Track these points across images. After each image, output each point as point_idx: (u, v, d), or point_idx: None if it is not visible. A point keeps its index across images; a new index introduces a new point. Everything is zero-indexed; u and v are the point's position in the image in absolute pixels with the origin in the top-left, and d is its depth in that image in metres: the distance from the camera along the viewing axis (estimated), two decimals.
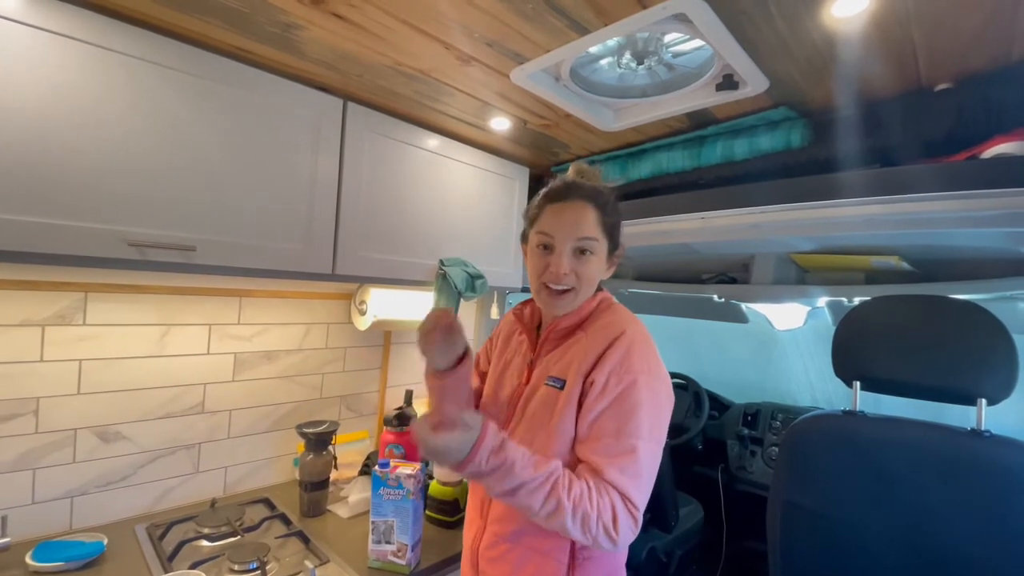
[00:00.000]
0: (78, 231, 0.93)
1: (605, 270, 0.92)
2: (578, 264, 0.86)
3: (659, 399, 0.82)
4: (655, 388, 0.82)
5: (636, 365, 0.81)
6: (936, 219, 1.09)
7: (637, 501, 0.76)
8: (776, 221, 1.29)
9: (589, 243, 0.86)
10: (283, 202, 1.20)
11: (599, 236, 0.86)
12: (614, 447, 0.78)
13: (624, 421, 0.78)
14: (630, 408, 0.79)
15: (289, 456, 1.58)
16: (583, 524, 0.72)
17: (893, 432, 1.08)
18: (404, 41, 1.06)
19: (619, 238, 0.93)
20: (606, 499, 0.74)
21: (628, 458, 0.77)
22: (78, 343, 1.20)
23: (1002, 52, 0.97)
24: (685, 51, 1.13)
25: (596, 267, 0.88)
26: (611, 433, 0.78)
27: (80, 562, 1.05)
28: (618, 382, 0.80)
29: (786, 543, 1.19)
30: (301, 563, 1.13)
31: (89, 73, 0.93)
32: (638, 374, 0.81)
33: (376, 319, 1.60)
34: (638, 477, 0.77)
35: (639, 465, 0.77)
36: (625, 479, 0.76)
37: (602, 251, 0.89)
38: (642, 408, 0.79)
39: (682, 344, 2.70)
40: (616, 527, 0.74)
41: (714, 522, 2.04)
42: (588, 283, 0.88)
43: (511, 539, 0.86)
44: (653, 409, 0.81)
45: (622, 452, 0.77)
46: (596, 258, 0.87)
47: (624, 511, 0.75)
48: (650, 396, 0.81)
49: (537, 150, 1.71)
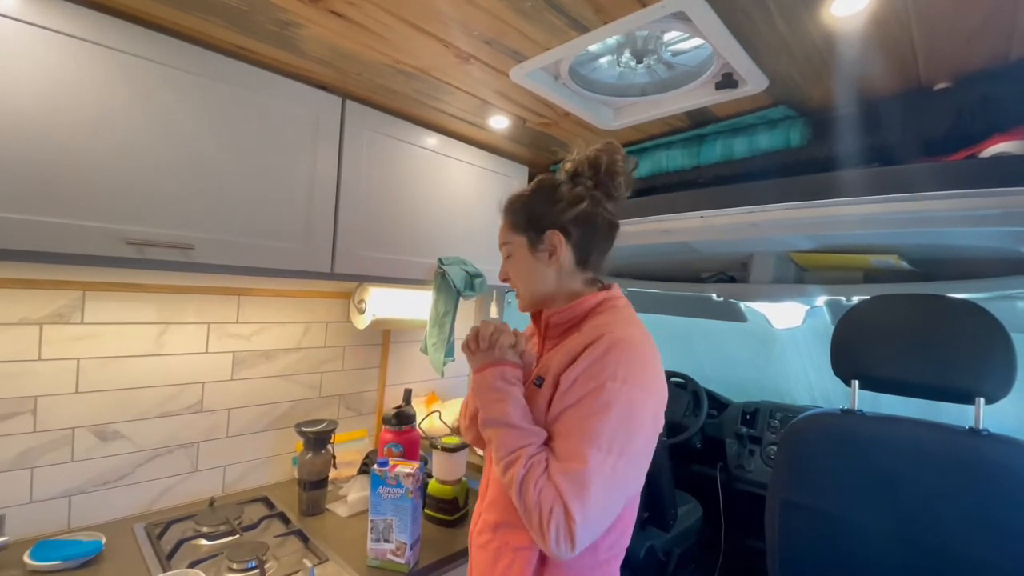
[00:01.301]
0: (76, 229, 0.93)
1: (541, 262, 0.90)
2: (507, 267, 0.96)
3: (632, 409, 0.74)
4: (628, 397, 0.74)
5: (608, 370, 0.75)
6: (935, 218, 1.10)
7: (576, 514, 0.68)
8: (775, 220, 1.29)
9: (505, 248, 0.95)
10: (282, 200, 1.20)
11: (511, 238, 0.93)
12: (564, 450, 0.74)
13: (582, 426, 0.73)
14: (590, 414, 0.74)
15: (288, 455, 1.58)
16: (523, 502, 0.72)
17: (891, 431, 1.08)
18: (403, 39, 1.06)
19: (546, 224, 0.88)
20: (548, 495, 0.70)
21: (575, 465, 0.71)
22: (76, 342, 1.20)
23: (1001, 51, 0.97)
24: (684, 50, 1.13)
25: (518, 265, 0.93)
26: (564, 435, 0.75)
27: (78, 561, 1.04)
28: (585, 384, 0.76)
29: (785, 541, 1.19)
30: (300, 562, 1.13)
31: (88, 71, 0.93)
32: (607, 379, 0.74)
33: (375, 318, 1.60)
34: (583, 488, 0.69)
35: (586, 476, 0.70)
36: (568, 486, 0.70)
37: (518, 249, 0.92)
38: (605, 416, 0.73)
39: (681, 343, 2.71)
40: (547, 527, 0.69)
41: (713, 521, 2.04)
42: (519, 281, 0.94)
43: (493, 529, 0.87)
44: (621, 419, 0.73)
45: (570, 457, 0.72)
46: (514, 258, 0.93)
47: (561, 518, 0.69)
48: (620, 405, 0.74)
49: (536, 149, 1.71)
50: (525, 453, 0.75)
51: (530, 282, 0.92)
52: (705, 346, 2.66)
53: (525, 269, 0.92)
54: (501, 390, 0.81)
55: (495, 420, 0.80)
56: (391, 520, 1.13)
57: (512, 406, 0.80)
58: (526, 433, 0.78)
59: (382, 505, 1.13)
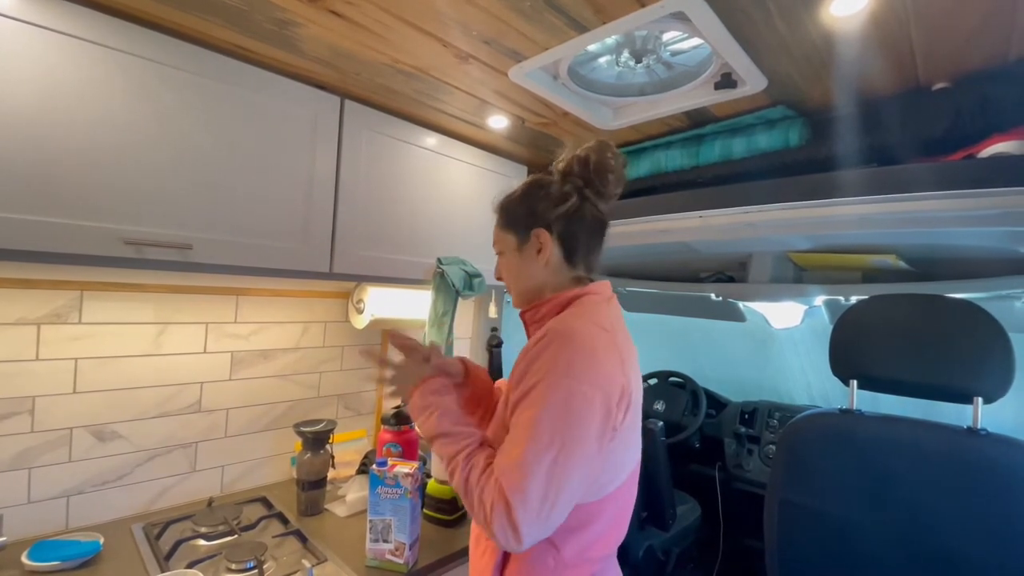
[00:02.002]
0: (74, 229, 0.92)
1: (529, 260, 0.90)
2: (499, 265, 0.98)
3: (573, 404, 0.72)
4: (569, 389, 0.73)
5: (546, 365, 0.74)
6: (933, 218, 1.10)
7: (517, 505, 0.68)
8: (774, 220, 1.29)
9: (496, 247, 0.97)
10: (280, 200, 1.20)
11: (500, 237, 0.95)
12: (507, 444, 0.74)
13: (523, 420, 0.73)
14: (530, 407, 0.73)
15: (286, 455, 1.58)
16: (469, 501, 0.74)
17: (890, 430, 1.08)
18: (402, 39, 1.06)
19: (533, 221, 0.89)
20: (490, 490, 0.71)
21: (513, 458, 0.71)
22: (74, 342, 1.19)
23: (999, 51, 0.97)
24: (683, 49, 1.13)
25: (507, 264, 0.95)
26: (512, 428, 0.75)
27: (76, 561, 1.04)
28: (529, 380, 0.75)
29: (783, 541, 1.19)
30: (298, 562, 1.13)
31: (86, 70, 0.93)
32: (548, 373, 0.74)
33: (374, 318, 1.59)
34: (521, 479, 0.69)
35: (524, 468, 0.69)
36: (506, 478, 0.70)
37: (508, 248, 0.94)
38: (544, 409, 0.72)
39: (680, 343, 2.70)
40: (491, 520, 0.69)
41: (711, 520, 2.05)
42: (509, 279, 0.95)
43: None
44: (561, 412, 0.72)
45: (510, 450, 0.72)
46: (504, 257, 0.95)
47: (502, 509, 0.68)
48: (560, 398, 0.72)
49: (535, 149, 1.71)
50: (462, 455, 0.78)
51: (519, 279, 0.94)
52: (704, 346, 2.66)
53: (515, 267, 0.93)
54: (429, 405, 0.85)
55: (432, 434, 0.82)
56: (390, 520, 1.12)
57: (440, 416, 0.83)
58: (459, 437, 0.80)
59: (381, 505, 1.13)
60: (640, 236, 1.58)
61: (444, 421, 0.82)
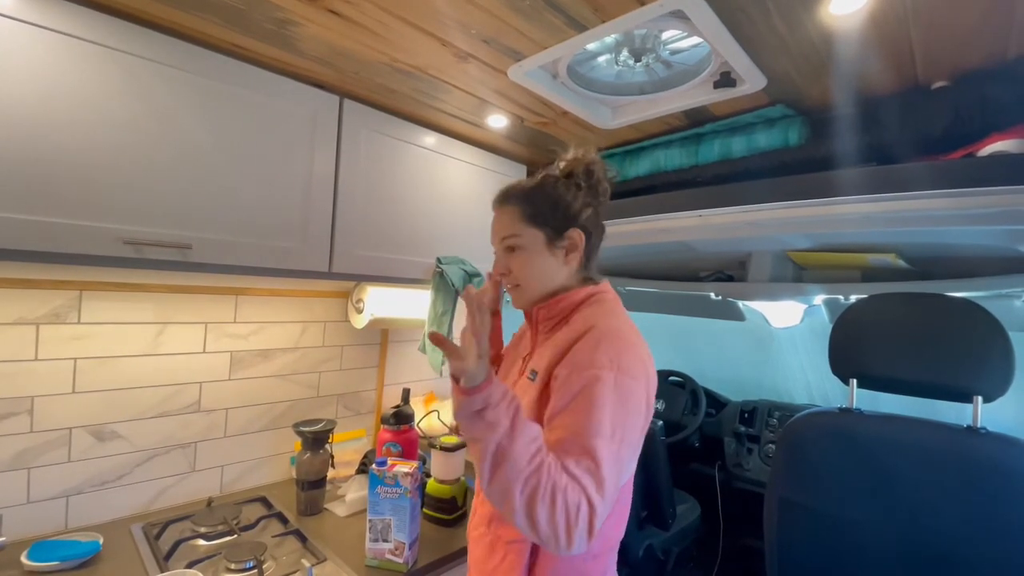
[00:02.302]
0: (73, 229, 0.92)
1: (557, 259, 0.89)
2: (510, 260, 0.91)
3: (627, 397, 0.75)
4: (623, 385, 0.75)
5: (601, 360, 0.76)
6: (933, 217, 1.10)
7: (598, 506, 0.67)
8: (773, 219, 1.29)
9: (512, 240, 0.90)
10: (279, 200, 1.20)
11: (521, 231, 0.89)
12: (573, 445, 0.71)
13: (583, 419, 0.72)
14: (589, 406, 0.73)
15: (286, 455, 1.58)
16: (549, 510, 0.65)
17: (889, 429, 1.08)
18: (401, 38, 1.06)
19: (569, 221, 0.89)
20: (574, 494, 0.67)
21: (584, 458, 0.70)
22: (73, 342, 1.19)
23: (999, 50, 0.97)
24: (683, 48, 1.13)
25: (527, 261, 0.89)
26: (570, 429, 0.73)
27: (76, 561, 1.04)
28: (579, 378, 0.75)
29: (783, 540, 1.19)
30: (298, 562, 1.13)
31: (85, 70, 0.93)
32: (602, 370, 0.75)
33: (373, 317, 1.59)
34: (600, 480, 0.69)
35: (600, 467, 0.69)
36: (588, 480, 0.68)
37: (533, 243, 0.88)
38: (604, 407, 0.73)
39: (679, 342, 2.70)
40: (575, 526, 0.66)
41: (711, 519, 2.05)
42: (527, 276, 0.90)
43: (487, 523, 0.87)
44: (618, 408, 0.74)
45: (581, 452, 0.70)
46: (526, 252, 0.89)
47: (586, 513, 0.67)
48: (614, 394, 0.74)
49: (535, 148, 1.71)
50: (540, 459, 0.67)
51: (540, 278, 0.90)
52: (703, 345, 2.66)
53: (538, 264, 0.89)
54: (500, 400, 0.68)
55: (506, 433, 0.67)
56: (389, 520, 1.12)
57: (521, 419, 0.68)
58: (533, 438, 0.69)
59: (380, 505, 1.12)
60: (639, 235, 1.58)
61: (523, 421, 0.69)
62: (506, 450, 0.65)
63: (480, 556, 0.88)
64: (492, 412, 0.66)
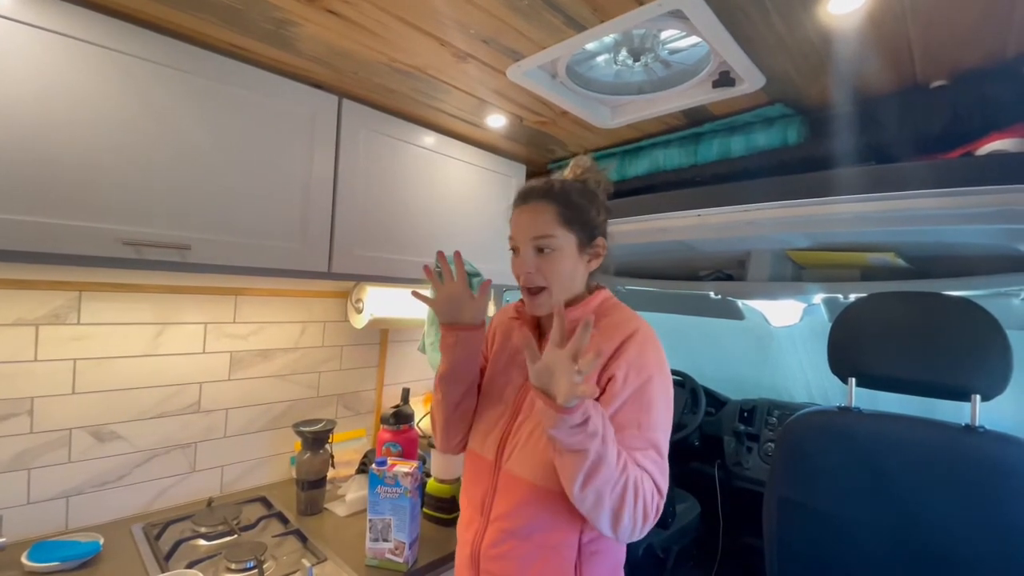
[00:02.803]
0: (72, 230, 0.92)
1: (583, 264, 0.91)
2: (541, 262, 0.88)
3: (670, 397, 0.86)
4: (667, 383, 0.85)
5: (651, 362, 0.84)
6: (932, 216, 1.10)
7: (664, 491, 0.78)
8: (772, 218, 1.29)
9: (546, 240, 0.87)
10: (278, 200, 1.19)
11: (557, 232, 0.87)
12: (638, 439, 0.79)
13: (645, 415, 0.80)
14: (648, 403, 0.81)
15: (286, 455, 1.58)
16: (634, 501, 0.73)
17: (888, 428, 1.08)
18: (399, 38, 1.05)
19: (596, 229, 0.91)
20: (647, 485, 0.76)
21: (652, 450, 0.79)
22: (72, 342, 1.19)
23: (997, 48, 0.97)
24: (681, 48, 1.13)
25: (561, 263, 0.88)
26: (634, 425, 0.80)
27: (76, 562, 1.04)
28: (637, 377, 0.82)
29: (782, 538, 1.20)
30: (298, 562, 1.13)
31: (83, 71, 0.93)
32: (654, 370, 0.83)
33: (373, 317, 1.59)
34: (661, 467, 0.79)
35: (660, 456, 0.80)
36: (656, 471, 0.78)
37: (567, 246, 0.88)
38: (659, 404, 0.82)
39: (679, 341, 2.70)
40: (650, 513, 0.76)
41: (711, 518, 2.05)
42: (558, 279, 0.88)
43: (520, 536, 0.85)
44: (667, 406, 0.84)
45: (646, 444, 0.79)
46: (559, 254, 0.88)
47: (658, 500, 0.77)
48: (664, 393, 0.84)
49: (534, 147, 1.71)
50: (625, 463, 0.74)
51: (569, 282, 0.90)
52: (703, 344, 2.66)
53: (569, 268, 0.89)
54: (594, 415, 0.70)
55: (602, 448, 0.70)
56: (389, 519, 1.13)
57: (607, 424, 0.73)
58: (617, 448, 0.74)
59: (380, 504, 1.13)
60: (639, 235, 1.58)
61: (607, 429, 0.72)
62: (602, 456, 0.70)
63: (511, 569, 0.85)
64: (592, 423, 0.69)
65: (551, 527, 0.82)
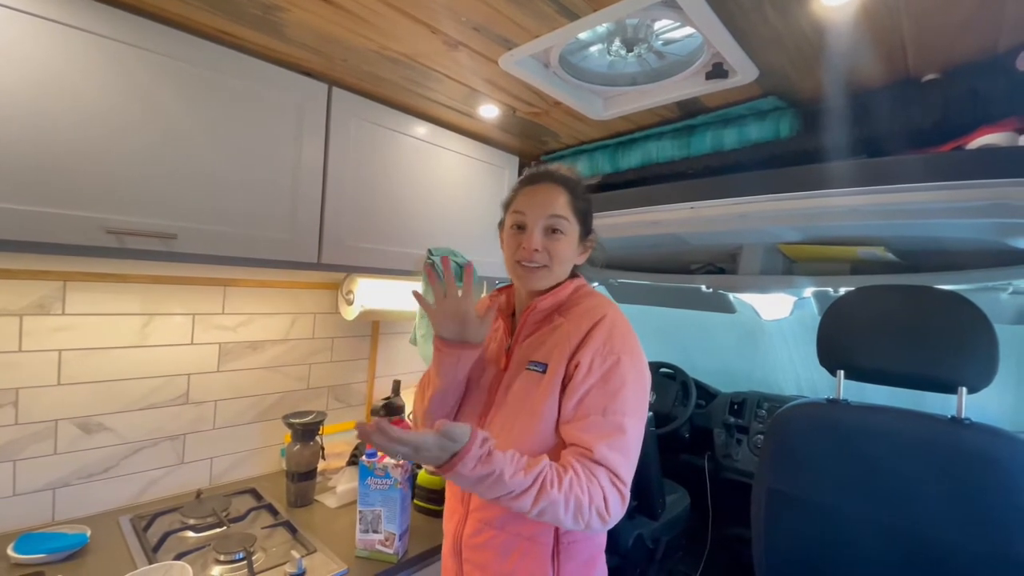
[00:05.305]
0: (53, 218, 0.91)
1: (578, 254, 0.96)
2: (549, 242, 0.90)
3: (641, 377, 0.86)
4: (637, 367, 0.86)
5: (618, 346, 0.84)
6: (922, 209, 1.10)
7: (625, 477, 0.79)
8: (764, 211, 1.30)
9: (559, 222, 0.89)
10: (267, 190, 1.18)
11: (570, 217, 0.91)
12: (603, 425, 0.80)
13: (610, 400, 0.81)
14: (616, 387, 0.82)
15: (276, 447, 1.57)
16: (576, 513, 0.74)
17: (875, 420, 1.09)
18: (389, 24, 1.04)
19: (591, 225, 0.97)
20: (595, 482, 0.76)
21: (616, 436, 0.79)
22: (57, 333, 1.17)
23: (989, 42, 0.97)
24: (675, 39, 1.12)
25: (567, 247, 0.91)
26: (598, 411, 0.81)
27: (63, 554, 1.03)
28: (602, 362, 0.83)
29: (770, 529, 1.21)
30: (288, 553, 1.13)
31: (67, 56, 0.91)
32: (621, 354, 0.84)
33: (364, 309, 1.58)
34: (626, 453, 0.80)
35: (627, 441, 0.80)
36: (614, 455, 0.78)
37: (573, 233, 0.92)
38: (627, 386, 0.82)
39: (670, 334, 2.72)
40: (607, 507, 0.76)
41: (700, 509, 2.07)
42: (559, 261, 0.90)
43: (496, 525, 0.87)
44: (636, 387, 0.84)
45: (611, 430, 0.79)
46: (567, 238, 0.91)
47: (612, 489, 0.77)
48: (633, 375, 0.84)
49: (526, 138, 1.70)
50: (547, 491, 0.71)
51: (565, 268, 0.93)
52: (694, 337, 2.67)
53: (569, 255, 0.93)
54: (484, 476, 0.69)
55: (503, 496, 0.71)
56: (379, 511, 1.13)
57: (508, 476, 0.70)
58: (533, 480, 0.72)
59: (370, 496, 1.13)
60: (631, 227, 1.58)
61: (513, 478, 0.70)
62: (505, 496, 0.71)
63: (490, 559, 0.87)
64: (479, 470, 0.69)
65: (523, 517, 0.80)
